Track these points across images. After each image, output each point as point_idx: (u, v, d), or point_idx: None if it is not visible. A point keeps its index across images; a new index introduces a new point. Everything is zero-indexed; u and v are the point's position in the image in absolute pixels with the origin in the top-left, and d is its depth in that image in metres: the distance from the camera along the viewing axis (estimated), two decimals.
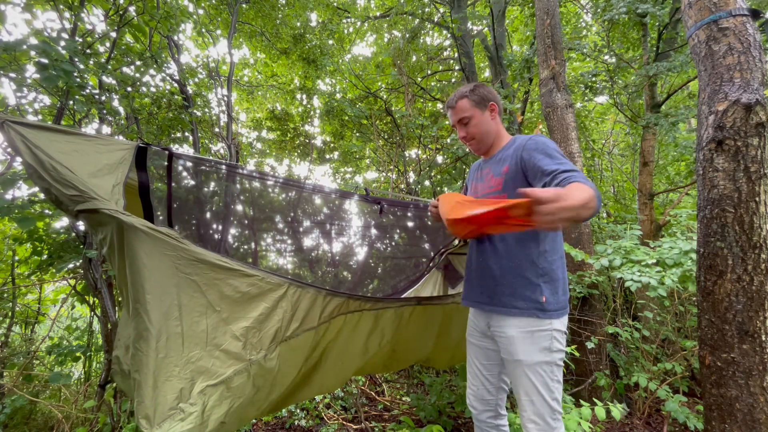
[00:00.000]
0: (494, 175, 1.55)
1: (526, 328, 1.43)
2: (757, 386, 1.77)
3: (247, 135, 8.31)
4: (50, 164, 1.17)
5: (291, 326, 1.49)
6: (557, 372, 1.44)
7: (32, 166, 1.17)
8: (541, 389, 1.40)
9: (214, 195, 2.30)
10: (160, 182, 1.92)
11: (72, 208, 1.17)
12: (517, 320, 1.44)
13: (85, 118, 2.96)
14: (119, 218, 1.14)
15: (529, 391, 1.42)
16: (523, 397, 1.43)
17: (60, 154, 1.21)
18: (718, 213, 1.86)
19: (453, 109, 1.60)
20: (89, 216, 1.19)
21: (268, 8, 6.41)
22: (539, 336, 1.42)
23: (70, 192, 1.16)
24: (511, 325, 1.45)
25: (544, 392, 1.40)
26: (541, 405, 1.40)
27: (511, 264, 1.47)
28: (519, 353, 1.42)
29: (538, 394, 1.40)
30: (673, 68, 4.42)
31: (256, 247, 2.46)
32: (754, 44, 1.82)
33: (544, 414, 1.40)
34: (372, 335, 1.88)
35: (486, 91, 1.59)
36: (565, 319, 1.50)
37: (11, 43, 2.24)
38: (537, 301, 1.43)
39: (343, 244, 2.79)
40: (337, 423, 2.74)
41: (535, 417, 1.41)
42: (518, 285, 1.45)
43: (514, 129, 5.41)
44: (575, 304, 3.35)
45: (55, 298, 3.62)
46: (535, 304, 1.43)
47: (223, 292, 1.29)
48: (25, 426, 2.73)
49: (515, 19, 8.34)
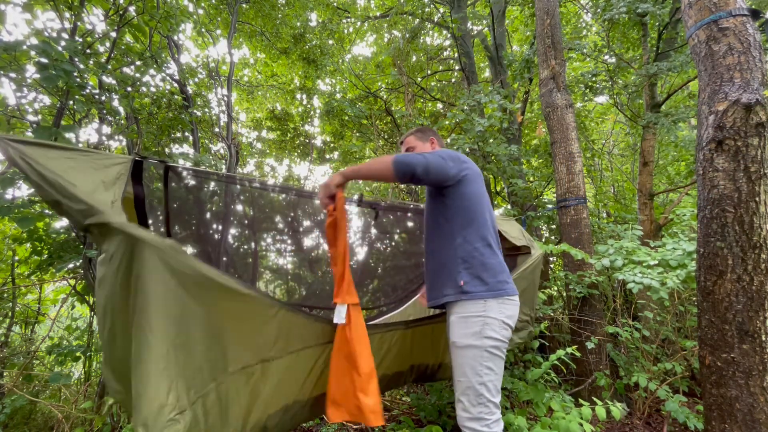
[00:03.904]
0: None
1: (461, 313, 1.59)
2: (757, 386, 1.77)
3: (247, 135, 8.31)
4: (54, 179, 1.17)
5: (276, 346, 1.49)
6: (489, 358, 1.54)
7: (36, 182, 1.17)
8: (468, 372, 1.53)
9: (213, 195, 2.30)
10: (159, 182, 1.92)
11: (82, 222, 1.17)
12: (454, 306, 1.62)
13: (85, 118, 2.96)
14: (129, 232, 1.13)
15: (459, 372, 1.56)
16: (456, 378, 1.57)
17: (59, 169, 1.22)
18: (718, 213, 1.86)
19: (402, 143, 1.99)
20: (98, 229, 1.19)
21: (268, 8, 6.41)
22: (471, 321, 1.56)
23: (78, 206, 1.16)
24: (452, 312, 1.63)
25: (470, 374, 1.52)
26: (467, 386, 1.52)
27: (440, 260, 1.69)
28: (453, 335, 1.60)
29: (464, 375, 1.54)
30: (673, 68, 4.43)
31: (255, 247, 2.46)
32: (754, 44, 1.82)
33: (469, 395, 1.52)
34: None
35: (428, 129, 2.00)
36: (507, 309, 1.60)
37: (11, 43, 2.24)
38: (458, 285, 1.60)
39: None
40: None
41: (461, 396, 1.54)
42: (445, 276, 1.65)
43: (514, 129, 5.41)
44: (575, 304, 3.35)
45: (55, 298, 3.62)
46: (458, 288, 1.60)
47: (221, 309, 1.31)
48: (25, 426, 2.73)
49: (515, 19, 8.34)
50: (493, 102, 4.38)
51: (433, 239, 1.75)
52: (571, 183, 3.52)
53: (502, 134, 4.96)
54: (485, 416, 1.50)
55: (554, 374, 2.73)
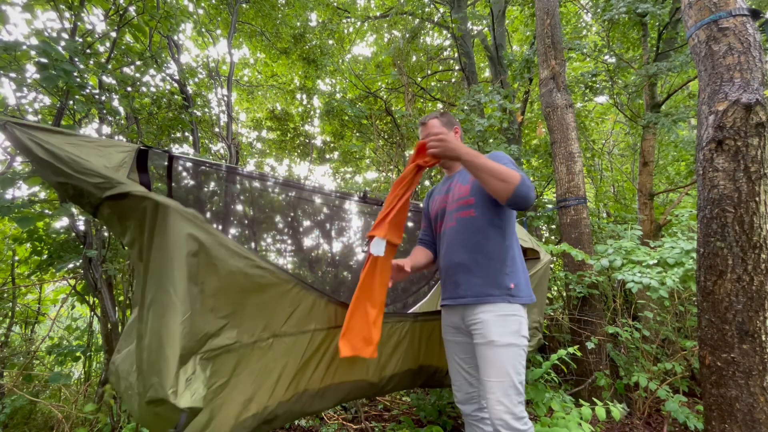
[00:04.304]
0: (462, 184, 1.76)
1: (498, 312, 1.57)
2: (757, 386, 1.77)
3: (247, 135, 8.31)
4: (67, 156, 1.14)
5: (288, 323, 1.52)
6: (523, 357, 1.56)
7: (46, 161, 1.14)
8: (510, 371, 1.50)
9: (213, 195, 2.30)
10: (160, 182, 1.92)
11: (99, 195, 1.14)
12: (490, 306, 1.58)
13: (85, 118, 2.96)
14: (154, 198, 1.14)
15: (500, 373, 1.51)
16: (493, 378, 1.51)
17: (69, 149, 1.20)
18: (718, 213, 1.86)
19: (425, 125, 1.87)
20: (114, 204, 1.17)
21: (268, 8, 6.40)
22: (511, 320, 1.56)
23: (95, 180, 1.13)
24: (485, 311, 1.59)
25: (512, 373, 1.50)
26: (510, 386, 1.49)
27: (484, 259, 1.64)
28: (492, 334, 1.54)
29: (506, 375, 1.50)
30: (673, 68, 4.43)
31: (256, 246, 2.47)
32: (754, 44, 1.82)
33: (511, 394, 1.49)
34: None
35: (452, 117, 1.92)
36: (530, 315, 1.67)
37: (11, 43, 2.23)
38: (506, 287, 1.60)
39: (342, 244, 2.79)
40: (337, 423, 2.74)
41: (503, 398, 1.48)
42: (489, 275, 1.61)
43: (515, 129, 5.41)
44: (575, 304, 3.35)
45: (55, 298, 3.62)
46: (505, 290, 1.59)
47: (235, 278, 1.33)
48: (25, 426, 2.73)
49: (515, 19, 8.34)
50: (493, 102, 4.39)
51: (473, 234, 1.65)
52: (571, 183, 3.52)
53: (502, 134, 4.96)
54: (524, 414, 1.50)
55: (554, 374, 2.73)
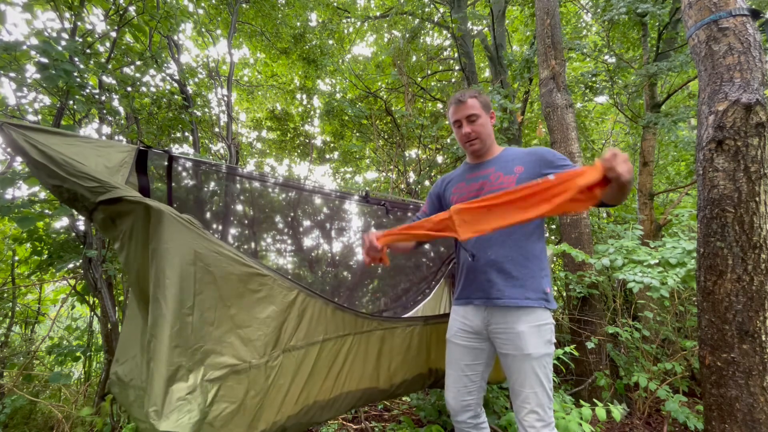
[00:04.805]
0: (504, 174, 1.61)
1: (534, 322, 1.48)
2: (757, 386, 1.77)
3: (247, 135, 8.31)
4: (62, 159, 1.12)
5: (296, 335, 1.46)
6: (551, 362, 1.54)
7: (41, 163, 1.12)
8: (544, 380, 1.47)
9: (213, 195, 2.30)
10: (160, 182, 1.92)
11: (93, 200, 1.12)
12: (526, 313, 1.49)
13: (85, 118, 2.96)
14: (147, 204, 1.11)
15: (534, 383, 1.46)
16: (527, 390, 1.47)
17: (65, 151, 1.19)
18: (718, 213, 1.86)
19: (463, 104, 1.64)
20: (109, 209, 1.15)
21: (268, 8, 6.40)
22: (544, 329, 1.49)
23: (89, 184, 1.11)
24: (521, 320, 1.48)
25: (545, 383, 1.48)
26: (542, 395, 1.47)
27: (521, 257, 1.52)
28: (529, 347, 1.46)
29: (541, 385, 1.47)
30: (673, 68, 4.43)
31: (256, 246, 2.46)
32: (754, 44, 1.82)
33: (544, 404, 1.47)
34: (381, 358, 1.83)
35: (488, 98, 1.74)
36: None
37: (11, 43, 2.23)
38: (542, 291, 1.51)
39: (342, 244, 2.79)
40: (337, 423, 2.74)
41: (537, 408, 1.46)
42: (528, 277, 1.51)
43: (515, 129, 5.41)
44: (575, 304, 3.35)
45: (55, 298, 3.62)
46: (543, 296, 1.50)
47: (236, 288, 1.28)
48: (25, 426, 2.73)
49: (515, 19, 8.34)
50: (493, 102, 4.39)
51: (513, 230, 1.51)
52: None
53: (502, 134, 4.96)
54: (553, 420, 1.49)
55: (554, 374, 2.73)
